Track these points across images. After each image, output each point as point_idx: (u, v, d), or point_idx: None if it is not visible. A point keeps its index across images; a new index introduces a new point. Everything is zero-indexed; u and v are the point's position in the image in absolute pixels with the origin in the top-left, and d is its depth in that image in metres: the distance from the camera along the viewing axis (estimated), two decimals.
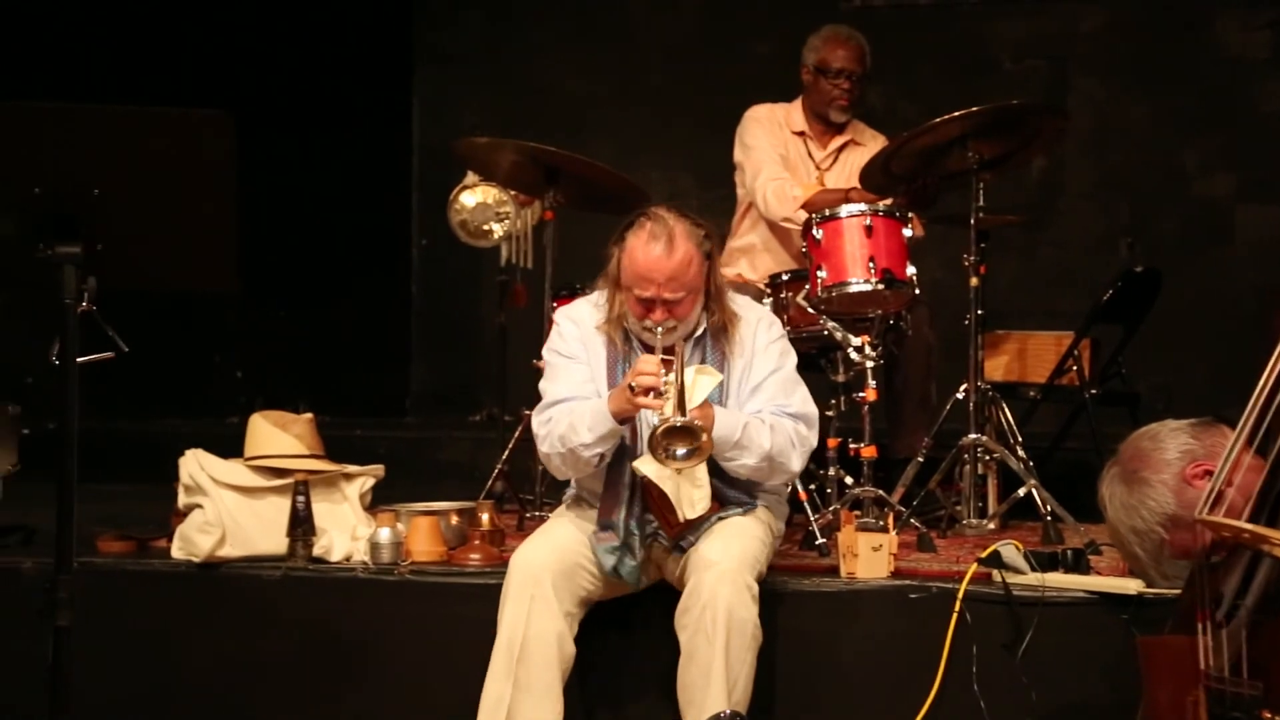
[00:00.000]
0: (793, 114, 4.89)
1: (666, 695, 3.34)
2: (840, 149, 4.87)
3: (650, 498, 3.38)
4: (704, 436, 3.17)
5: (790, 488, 3.93)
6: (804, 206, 4.62)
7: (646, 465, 3.27)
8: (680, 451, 3.19)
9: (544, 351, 3.56)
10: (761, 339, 3.50)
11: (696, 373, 3.34)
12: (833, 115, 4.82)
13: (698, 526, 3.37)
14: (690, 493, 3.32)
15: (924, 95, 6.24)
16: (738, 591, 3.22)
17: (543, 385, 3.51)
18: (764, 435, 3.36)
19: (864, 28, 4.99)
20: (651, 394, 3.21)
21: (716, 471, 3.39)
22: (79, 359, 2.69)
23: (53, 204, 2.67)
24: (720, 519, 3.39)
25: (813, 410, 3.51)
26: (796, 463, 3.43)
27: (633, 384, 3.23)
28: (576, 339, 3.49)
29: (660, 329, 3.35)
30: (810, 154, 4.86)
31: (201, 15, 6.40)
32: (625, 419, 3.31)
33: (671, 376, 3.23)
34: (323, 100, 6.69)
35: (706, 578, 3.23)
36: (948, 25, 6.65)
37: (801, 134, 4.87)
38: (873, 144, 4.80)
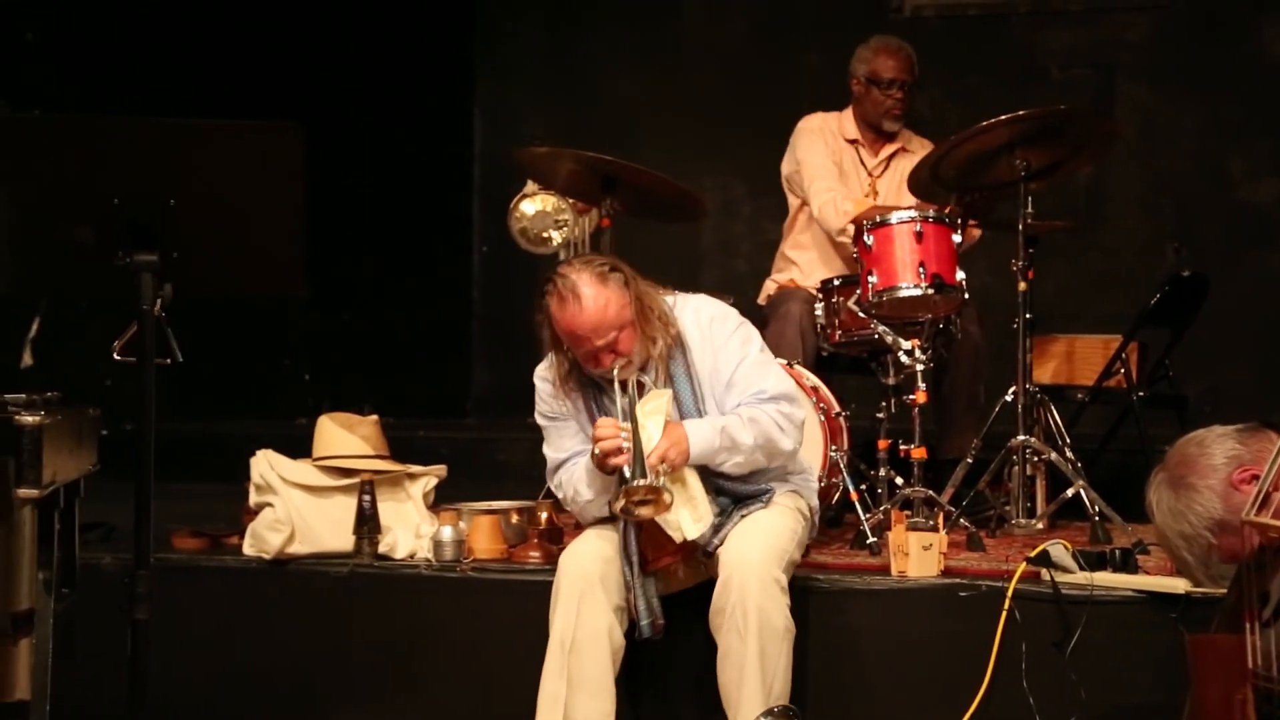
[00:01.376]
0: (844, 122, 4.94)
1: (715, 689, 3.37)
2: (891, 156, 4.91)
3: (644, 531, 3.40)
4: (666, 497, 3.21)
5: (832, 485, 4.00)
6: (853, 222, 4.68)
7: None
8: (646, 512, 3.25)
9: (535, 415, 3.65)
10: (719, 336, 3.51)
11: (642, 407, 3.35)
12: (886, 125, 4.86)
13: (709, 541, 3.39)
14: (684, 519, 3.34)
15: (972, 104, 6.24)
16: (765, 588, 3.27)
17: (545, 450, 3.62)
18: (744, 432, 3.38)
19: (913, 37, 5.03)
20: (617, 454, 3.28)
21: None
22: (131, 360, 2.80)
23: (130, 214, 2.74)
24: (744, 515, 3.43)
25: (789, 386, 3.55)
26: (788, 443, 3.45)
27: (595, 451, 3.32)
28: (553, 398, 3.57)
29: (615, 369, 3.39)
30: (862, 161, 4.90)
31: (272, 29, 6.53)
32: (612, 470, 3.35)
33: (630, 428, 3.28)
34: (387, 111, 6.81)
35: (735, 577, 3.28)
36: (996, 34, 6.66)
37: (854, 142, 4.92)
38: (922, 151, 4.80)
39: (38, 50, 6.00)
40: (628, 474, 3.27)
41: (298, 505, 3.91)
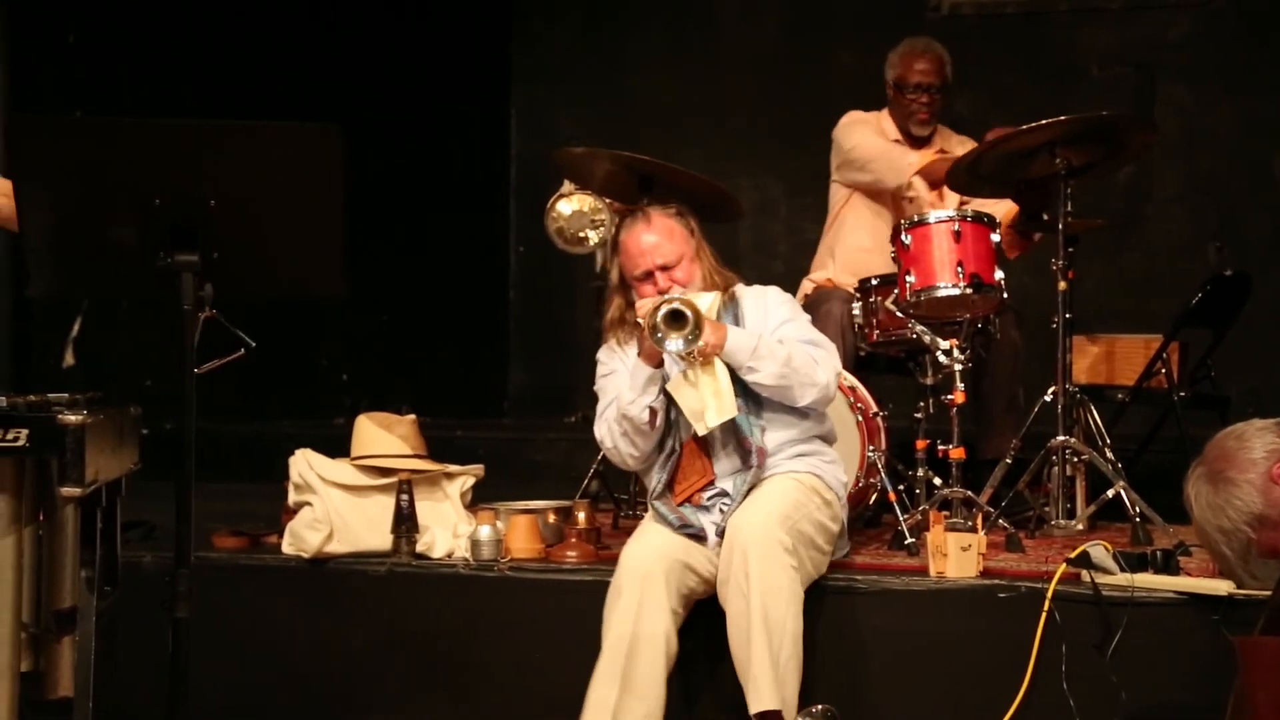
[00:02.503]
0: (884, 123, 4.93)
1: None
2: None
3: (683, 455, 3.54)
4: (691, 312, 3.36)
5: (870, 485, 3.99)
6: (920, 174, 4.67)
7: (671, 382, 3.48)
8: (676, 343, 3.37)
9: (595, 389, 3.75)
10: (773, 300, 3.72)
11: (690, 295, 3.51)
12: (914, 129, 4.86)
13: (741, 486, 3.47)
14: (708, 406, 3.45)
15: (1011, 102, 6.24)
16: (767, 548, 3.29)
17: (598, 408, 3.71)
18: (780, 348, 3.53)
19: (951, 35, 5.01)
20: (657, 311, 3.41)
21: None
22: (211, 364, 2.81)
23: (172, 215, 2.75)
24: (754, 469, 3.49)
25: (830, 343, 3.69)
26: (822, 375, 3.55)
27: (640, 318, 3.44)
28: (611, 358, 3.71)
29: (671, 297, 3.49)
30: None
31: (311, 33, 6.58)
32: (657, 362, 3.50)
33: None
34: (425, 113, 6.84)
35: (736, 543, 3.33)
36: (1035, 32, 6.63)
37: (896, 142, 4.92)
38: (960, 149, 4.80)
39: (80, 52, 6.05)
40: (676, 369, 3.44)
41: (336, 504, 3.92)
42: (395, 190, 6.47)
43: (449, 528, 3.96)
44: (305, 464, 3.97)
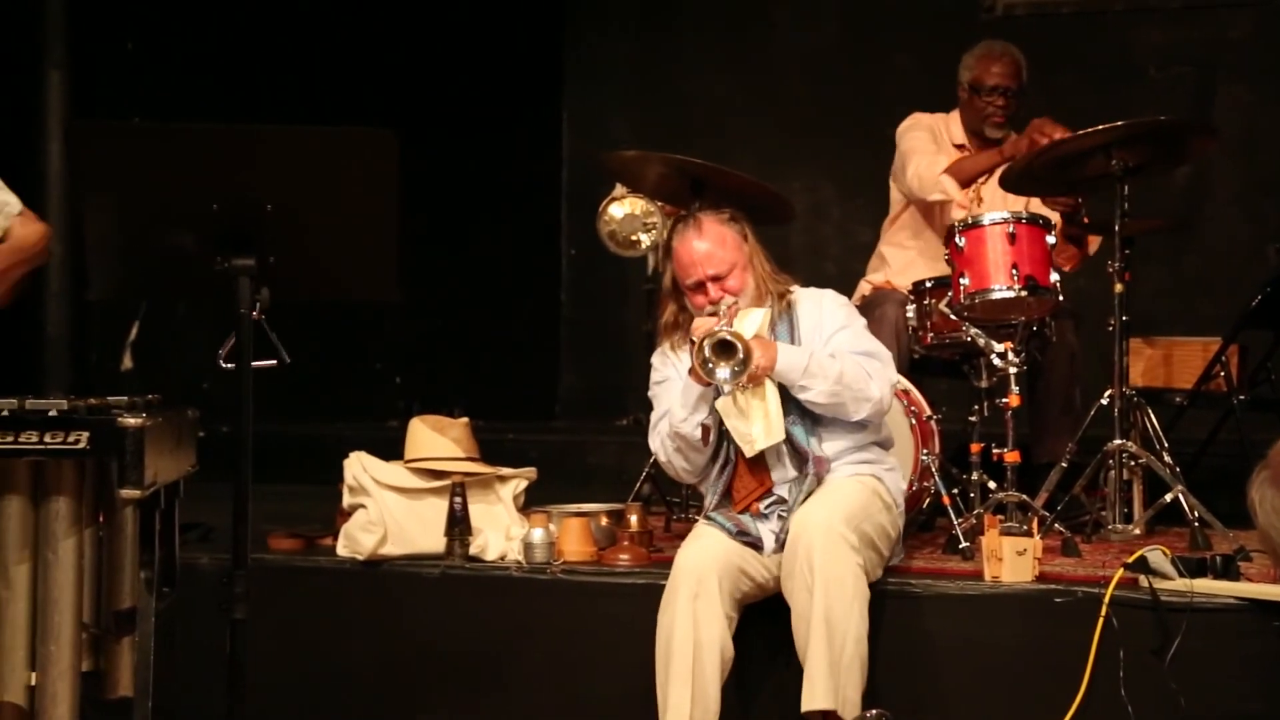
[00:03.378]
0: (952, 126, 4.90)
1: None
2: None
3: (738, 468, 3.52)
4: (741, 344, 3.32)
5: (924, 489, 3.97)
6: (949, 172, 4.64)
7: (720, 402, 3.45)
8: (724, 372, 3.33)
9: (649, 395, 3.75)
10: (828, 306, 3.67)
11: (739, 323, 3.48)
12: (988, 132, 4.81)
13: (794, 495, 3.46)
14: (758, 424, 3.43)
15: (1067, 104, 6.14)
16: (831, 541, 3.28)
17: (651, 416, 3.71)
18: (832, 364, 3.49)
19: (1005, 36, 4.97)
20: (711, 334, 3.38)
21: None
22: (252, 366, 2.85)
23: (229, 219, 2.78)
24: (812, 476, 3.47)
25: (885, 352, 3.65)
26: (875, 389, 3.51)
27: (694, 338, 3.41)
28: (665, 364, 3.69)
29: (722, 307, 3.49)
30: None
31: (364, 36, 6.62)
32: (706, 380, 3.45)
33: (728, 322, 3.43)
34: (477, 116, 6.87)
35: (801, 538, 3.31)
36: (1091, 33, 6.57)
37: (961, 147, 4.89)
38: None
39: (138, 59, 6.12)
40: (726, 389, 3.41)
41: (390, 507, 3.94)
42: (447, 194, 6.50)
43: (502, 530, 3.98)
44: (360, 467, 3.99)
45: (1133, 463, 4.18)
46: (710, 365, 3.35)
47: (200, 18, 6.20)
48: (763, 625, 3.52)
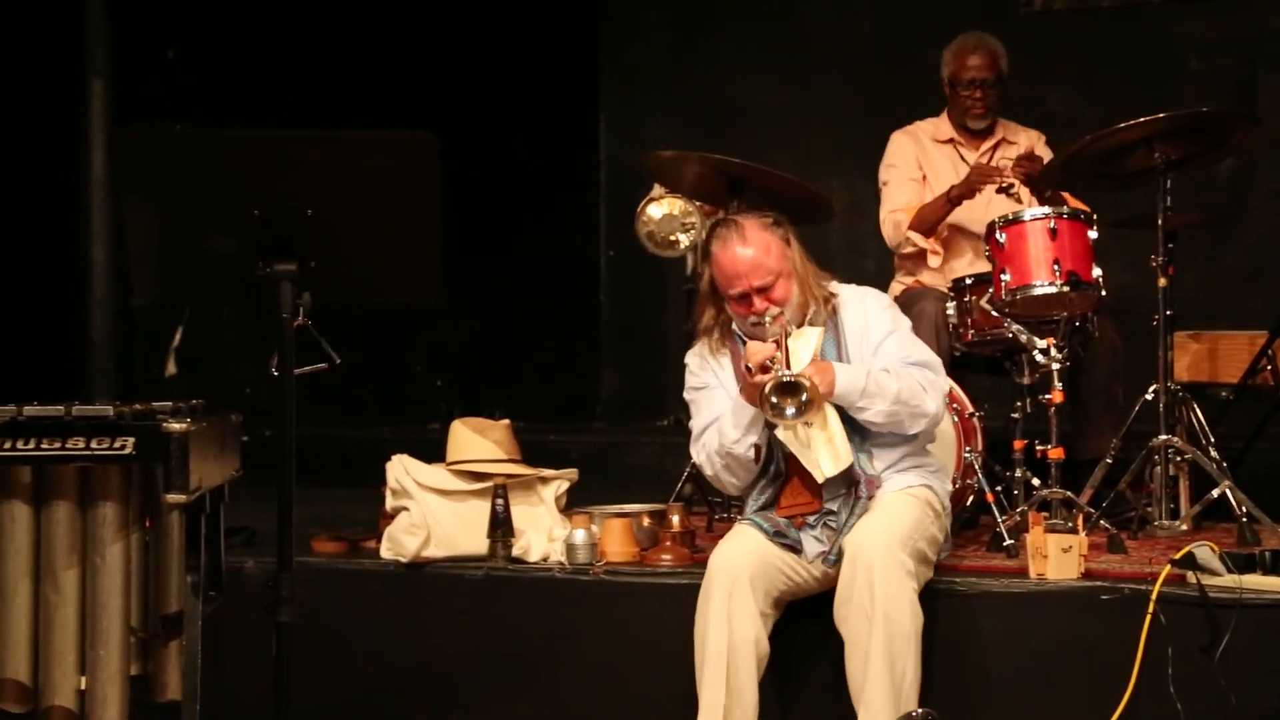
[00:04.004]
0: (940, 125, 4.91)
1: (846, 699, 3.34)
2: (994, 148, 4.85)
3: (789, 481, 3.47)
4: (806, 384, 3.26)
5: (967, 486, 3.95)
6: (912, 227, 4.71)
7: (782, 434, 3.39)
8: (790, 410, 3.28)
9: (684, 395, 3.69)
10: (873, 309, 3.60)
11: (794, 338, 3.43)
12: (970, 124, 4.83)
13: (845, 513, 3.42)
14: (822, 454, 3.37)
15: (1106, 98, 6.13)
16: (891, 573, 3.25)
17: (691, 423, 3.65)
18: (889, 381, 3.43)
19: (1043, 31, 4.96)
20: (765, 370, 3.32)
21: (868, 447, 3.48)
22: (296, 370, 2.87)
23: (270, 225, 2.80)
24: (862, 499, 3.43)
25: (936, 359, 3.59)
26: (930, 404, 3.47)
27: (748, 365, 3.35)
28: (703, 369, 3.63)
29: (767, 318, 3.44)
30: (963, 158, 4.85)
31: (401, 39, 6.66)
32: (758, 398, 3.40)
33: (780, 350, 3.35)
34: (514, 118, 6.89)
35: (860, 564, 3.27)
36: (1131, 26, 6.51)
37: (950, 141, 4.88)
38: (1024, 138, 4.82)
39: (178, 67, 6.18)
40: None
41: (433, 509, 3.96)
42: (485, 196, 6.52)
43: (544, 532, 3.98)
44: (402, 469, 4.01)
45: (1179, 458, 4.15)
46: (776, 407, 3.27)
47: (239, 24, 6.25)
48: (801, 622, 3.51)
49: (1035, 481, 4.13)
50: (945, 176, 4.82)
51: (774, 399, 3.27)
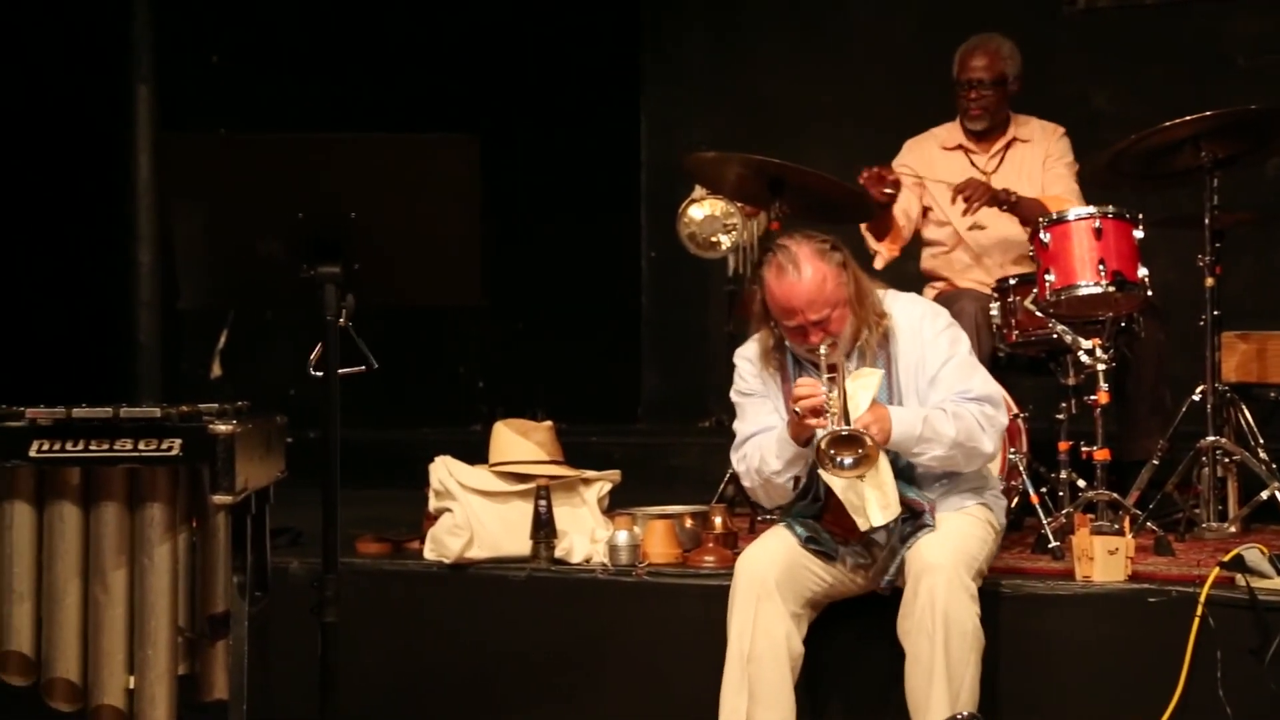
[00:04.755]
0: (952, 130, 4.87)
1: (898, 699, 3.33)
2: (1005, 149, 4.80)
3: (830, 509, 3.40)
4: (869, 442, 3.16)
5: (1011, 488, 3.92)
6: (868, 231, 4.76)
7: (830, 478, 3.29)
8: (847, 461, 3.18)
9: (731, 394, 3.64)
10: (928, 331, 3.47)
11: (854, 379, 3.32)
12: (968, 125, 4.79)
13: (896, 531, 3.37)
14: (870, 502, 3.29)
15: (1153, 96, 6.07)
16: (955, 593, 3.23)
17: (735, 425, 3.61)
18: (947, 424, 3.33)
19: (1088, 30, 4.91)
20: (817, 414, 3.23)
21: (921, 475, 3.43)
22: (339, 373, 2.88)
23: (315, 228, 2.82)
24: (927, 527, 3.38)
25: (996, 390, 3.48)
26: (988, 444, 3.39)
27: (796, 409, 3.28)
28: (754, 375, 3.56)
29: (823, 349, 3.35)
30: (973, 164, 4.81)
31: (442, 42, 6.68)
32: (805, 441, 3.33)
33: (835, 391, 3.24)
34: (555, 119, 6.90)
35: (924, 580, 3.25)
36: (1177, 24, 6.44)
37: (959, 147, 4.84)
38: (1041, 136, 4.76)
39: (222, 72, 6.23)
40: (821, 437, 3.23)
41: (476, 510, 3.97)
42: (526, 197, 6.53)
43: (587, 533, 3.99)
44: (445, 471, 4.02)
45: (1227, 459, 4.11)
46: (832, 459, 3.17)
47: (282, 29, 6.29)
48: (838, 624, 3.51)
49: (1081, 483, 4.10)
50: (955, 180, 4.79)
51: (831, 450, 3.18)
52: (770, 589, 3.34)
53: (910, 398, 3.44)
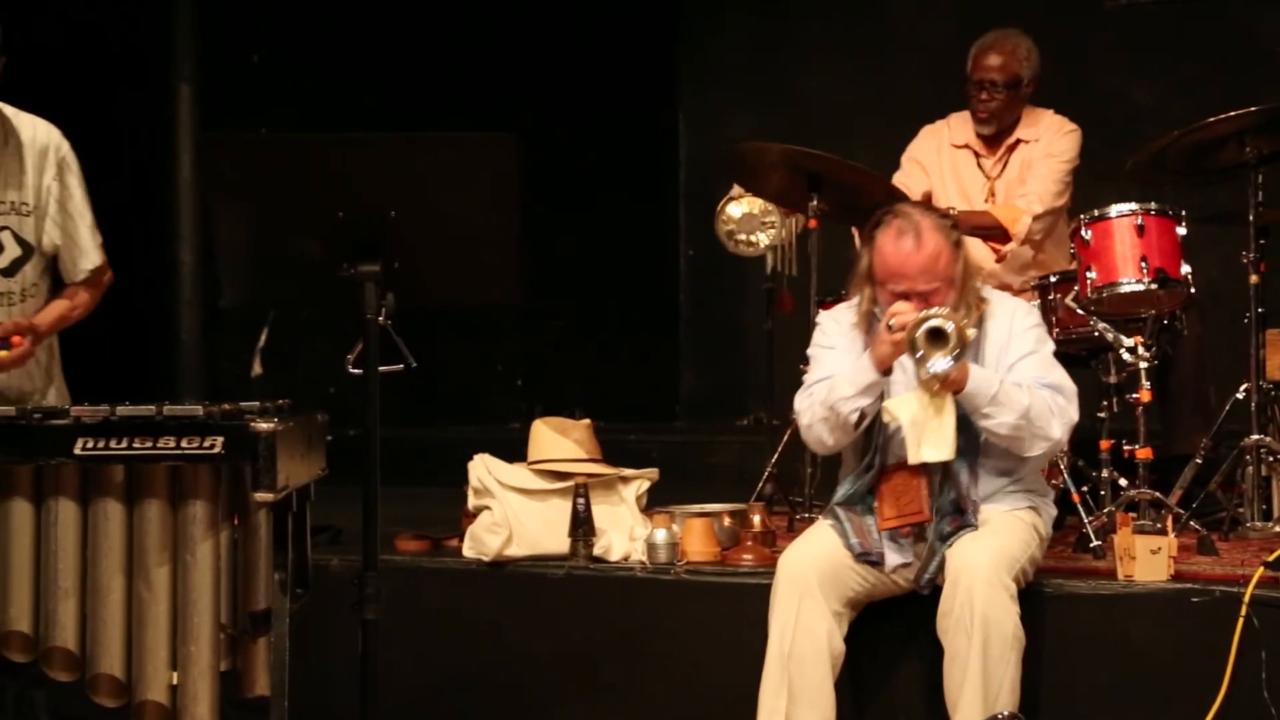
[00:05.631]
0: (962, 126, 4.80)
1: (939, 699, 3.32)
2: (1011, 149, 4.74)
3: (885, 480, 3.42)
4: (961, 333, 3.20)
5: (1053, 487, 3.90)
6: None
7: (897, 402, 3.34)
8: (939, 363, 3.22)
9: (809, 350, 3.65)
10: (1018, 325, 3.51)
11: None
12: (976, 127, 4.73)
13: (938, 526, 3.38)
14: (929, 435, 3.31)
15: (1193, 92, 6.02)
16: (994, 591, 3.22)
17: (806, 377, 3.61)
18: (1021, 395, 3.35)
19: (1128, 26, 4.87)
20: (902, 329, 3.27)
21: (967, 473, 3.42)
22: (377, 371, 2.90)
23: (354, 227, 2.83)
24: (970, 527, 3.38)
25: (1071, 386, 3.48)
26: (1057, 429, 3.39)
27: (890, 323, 3.30)
28: (837, 333, 3.58)
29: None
30: (980, 166, 4.77)
31: (479, 40, 6.70)
32: (886, 369, 3.37)
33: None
34: (592, 117, 6.91)
35: (963, 580, 3.24)
36: (1217, 19, 6.38)
37: (966, 146, 4.78)
38: (1049, 134, 4.66)
39: (262, 72, 6.26)
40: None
41: (515, 508, 3.98)
42: (565, 194, 6.54)
43: (625, 531, 3.99)
44: (484, 469, 4.04)
45: (1271, 458, 4.07)
46: (921, 353, 3.23)
47: (322, 29, 6.32)
48: (879, 624, 3.50)
49: (1123, 482, 4.07)
50: (954, 181, 4.74)
51: (921, 342, 3.23)
52: (812, 587, 3.34)
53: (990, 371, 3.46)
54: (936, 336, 3.25)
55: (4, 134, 3.45)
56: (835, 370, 3.50)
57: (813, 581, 3.34)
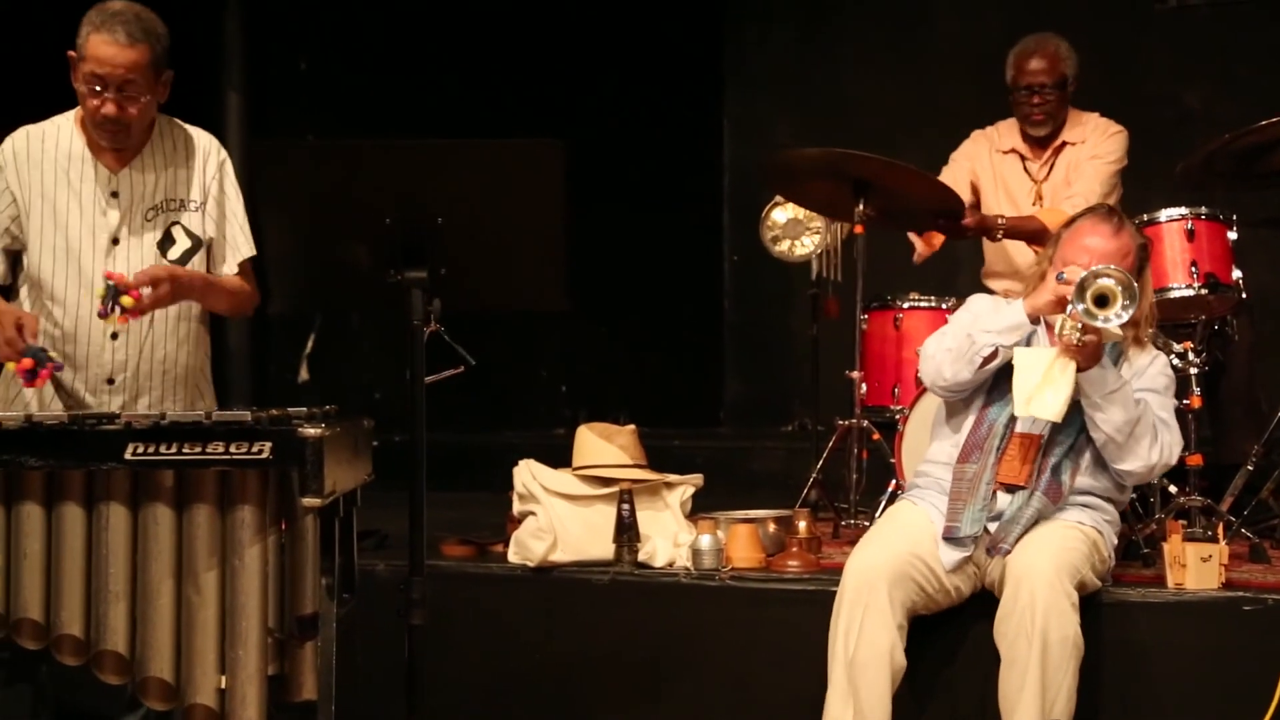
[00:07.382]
0: (1009, 132, 4.81)
1: (992, 705, 3.31)
2: (1056, 153, 4.73)
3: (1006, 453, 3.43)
4: (1126, 286, 3.21)
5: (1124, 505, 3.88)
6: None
7: (1027, 352, 3.38)
8: (1111, 320, 3.23)
9: (952, 316, 3.70)
10: (1156, 367, 3.54)
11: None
12: (1030, 131, 4.73)
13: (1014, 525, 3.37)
14: (1045, 392, 3.32)
15: (1245, 95, 5.96)
16: (1056, 598, 3.20)
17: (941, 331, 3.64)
18: (1136, 407, 3.39)
19: (1180, 29, 4.83)
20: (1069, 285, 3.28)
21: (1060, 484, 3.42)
22: (434, 377, 2.91)
23: (401, 233, 2.84)
24: (1028, 530, 3.37)
25: (1180, 436, 3.52)
26: (1155, 454, 3.42)
27: (1063, 273, 3.32)
28: (987, 311, 3.58)
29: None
30: (1026, 169, 4.75)
31: (525, 46, 6.72)
32: (1035, 319, 3.42)
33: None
34: (638, 122, 6.91)
35: (1024, 585, 3.22)
36: (1270, 21, 6.32)
37: (1012, 151, 4.77)
38: (1095, 136, 4.66)
39: (310, 79, 6.31)
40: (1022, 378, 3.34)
41: (560, 514, 3.98)
42: (609, 200, 6.55)
43: (670, 537, 3.99)
44: (529, 474, 4.04)
45: None
46: (1084, 307, 3.23)
47: (369, 35, 6.36)
48: (933, 635, 3.48)
49: (1173, 489, 4.04)
50: (1001, 186, 4.72)
51: (1091, 294, 3.24)
52: (879, 597, 3.31)
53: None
54: (1102, 303, 3.26)
55: (174, 140, 3.54)
56: (979, 321, 3.52)
57: (881, 590, 3.31)
